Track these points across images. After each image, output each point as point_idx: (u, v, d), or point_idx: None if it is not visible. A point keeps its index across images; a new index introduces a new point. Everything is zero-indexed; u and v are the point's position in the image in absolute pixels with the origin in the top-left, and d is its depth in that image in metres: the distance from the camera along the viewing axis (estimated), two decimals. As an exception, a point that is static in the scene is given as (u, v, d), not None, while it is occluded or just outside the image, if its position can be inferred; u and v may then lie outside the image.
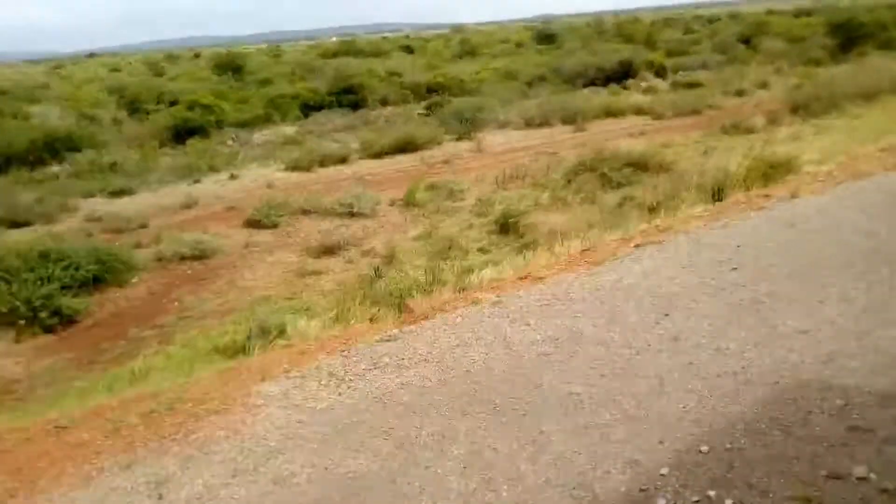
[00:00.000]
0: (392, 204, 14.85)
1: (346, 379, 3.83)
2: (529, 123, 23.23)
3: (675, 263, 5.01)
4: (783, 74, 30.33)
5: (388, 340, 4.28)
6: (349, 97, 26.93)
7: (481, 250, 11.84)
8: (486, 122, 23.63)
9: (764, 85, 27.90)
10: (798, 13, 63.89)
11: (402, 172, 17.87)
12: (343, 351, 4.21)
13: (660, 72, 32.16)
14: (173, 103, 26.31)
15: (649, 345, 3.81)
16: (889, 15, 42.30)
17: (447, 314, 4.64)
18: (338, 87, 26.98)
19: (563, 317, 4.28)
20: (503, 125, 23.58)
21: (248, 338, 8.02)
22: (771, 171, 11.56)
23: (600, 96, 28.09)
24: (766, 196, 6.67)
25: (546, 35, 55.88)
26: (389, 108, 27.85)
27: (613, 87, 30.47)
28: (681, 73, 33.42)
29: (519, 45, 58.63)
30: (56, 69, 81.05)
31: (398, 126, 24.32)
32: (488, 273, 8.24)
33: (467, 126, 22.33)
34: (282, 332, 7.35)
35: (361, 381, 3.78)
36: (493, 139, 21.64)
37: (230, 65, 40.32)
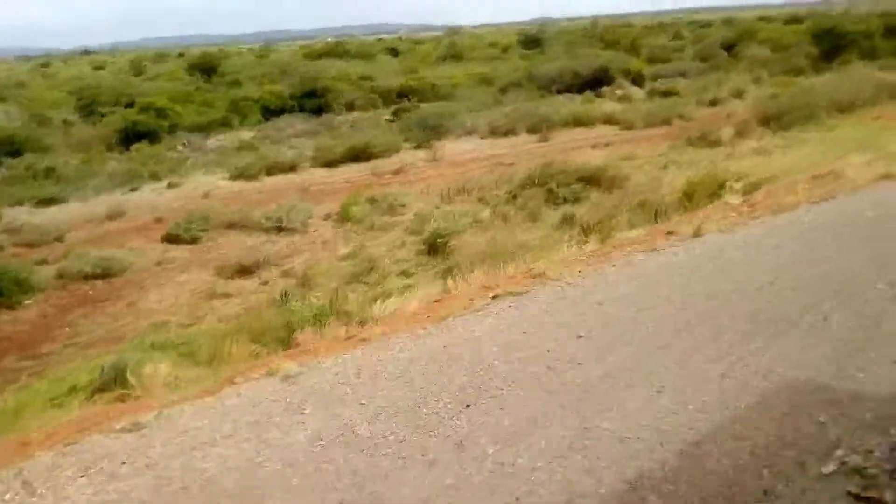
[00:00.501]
0: (327, 218, 14.02)
1: (39, 492, 2.99)
2: (494, 132, 22.41)
3: (521, 325, 4.19)
4: (762, 83, 29.56)
5: (129, 430, 3.44)
6: (314, 101, 26.06)
7: (404, 273, 11.01)
8: (450, 129, 22.81)
9: (740, 94, 27.12)
10: (789, 20, 63.31)
11: (350, 183, 17.03)
12: (70, 444, 3.36)
13: (637, 79, 31.37)
14: (130, 105, 25.43)
15: (424, 454, 2.98)
16: (877, 23, 41.63)
17: (229, 391, 3.80)
18: (302, 91, 26.11)
19: (348, 404, 3.45)
20: (468, 133, 22.77)
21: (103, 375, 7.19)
22: (717, 192, 10.78)
23: (572, 104, 27.27)
24: (670, 233, 5.85)
25: (532, 39, 55.05)
26: (356, 113, 27.02)
27: (589, 94, 29.69)
28: (660, 80, 32.64)
29: (506, 48, 57.82)
30: (43, 66, 79.98)
31: (360, 132, 23.51)
32: (392, 303, 7.45)
33: (428, 134, 21.51)
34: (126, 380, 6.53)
35: (51, 496, 2.94)
36: (454, 148, 20.82)
37: (204, 66, 39.41)
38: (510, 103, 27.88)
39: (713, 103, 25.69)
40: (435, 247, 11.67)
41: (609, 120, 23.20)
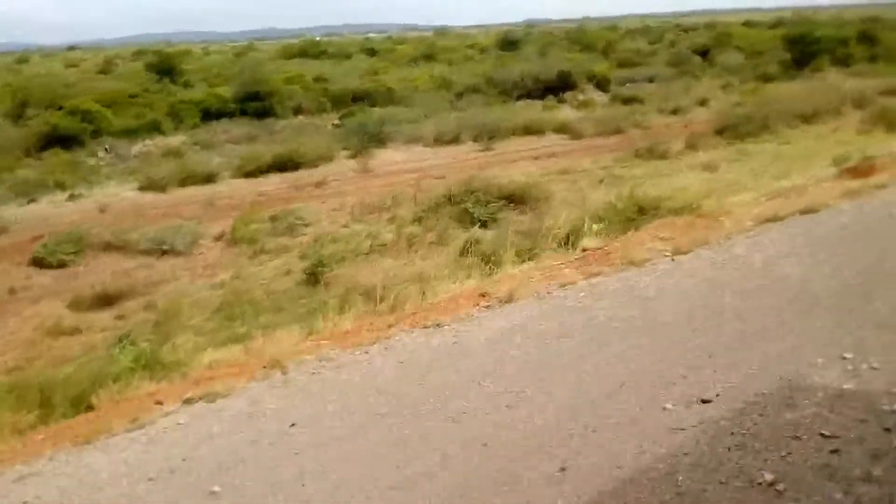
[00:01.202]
0: (220, 238, 12.80)
1: None
2: (439, 140, 21.22)
3: (160, 463, 3.02)
4: (730, 91, 28.47)
5: None
6: (258, 104, 24.73)
7: (277, 308, 9.81)
8: (393, 136, 21.63)
9: (704, 102, 26.04)
10: (775, 24, 62.09)
11: (265, 196, 15.82)
12: None
13: (602, 84, 30.24)
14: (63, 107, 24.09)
15: None
16: (855, 29, 40.70)
17: None
18: (245, 93, 24.79)
19: None
20: (412, 141, 21.56)
21: None
22: (634, 217, 9.65)
23: (528, 110, 26.13)
24: (483, 295, 4.69)
25: (510, 41, 53.91)
26: (302, 118, 25.81)
27: (550, 99, 28.55)
28: (627, 85, 31.59)
29: (483, 50, 56.63)
30: (19, 62, 78.29)
31: (299, 139, 22.36)
32: (225, 354, 6.32)
33: (369, 141, 20.35)
34: None
35: None
36: (391, 157, 19.64)
37: (162, 65, 37.98)
38: (467, 108, 26.75)
39: (674, 111, 24.59)
40: (316, 277, 10.49)
41: (561, 128, 22.06)
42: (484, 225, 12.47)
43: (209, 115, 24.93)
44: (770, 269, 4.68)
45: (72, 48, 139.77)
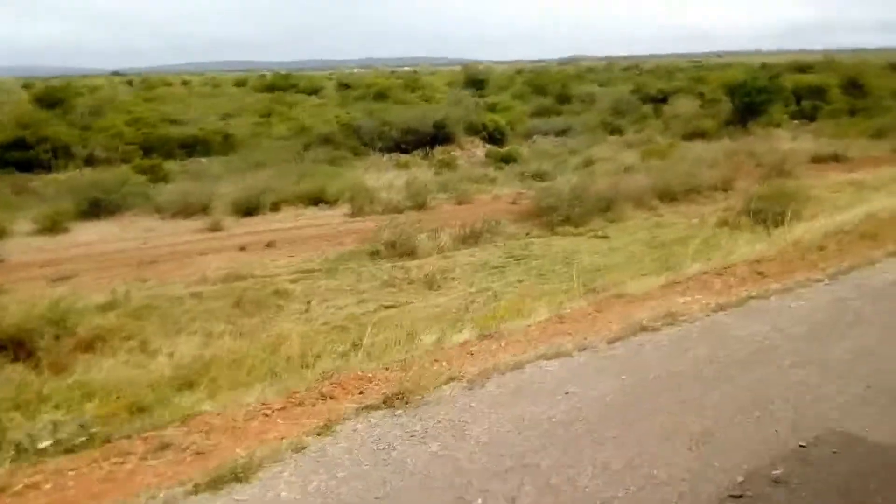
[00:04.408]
0: None
1: None
2: (185, 210, 16.04)
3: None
4: (645, 148, 22.59)
5: None
6: (24, 153, 20.03)
7: None
8: (137, 202, 16.60)
9: (590, 163, 20.32)
10: (789, 68, 54.95)
11: None
12: None
13: (496, 136, 24.70)
14: None
15: None
16: (847, 76, 34.39)
17: None
18: (11, 137, 20.12)
19: None
20: (158, 209, 16.45)
21: None
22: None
23: (368, 169, 20.84)
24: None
25: (474, 81, 49.06)
26: (88, 170, 21.02)
27: (417, 154, 23.23)
28: (535, 138, 25.99)
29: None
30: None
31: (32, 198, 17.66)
32: None
33: (83, 207, 15.47)
34: None
35: None
36: (82, 236, 14.50)
37: (49, 99, 34.11)
38: (309, 161, 21.76)
39: (537, 177, 18.90)
40: None
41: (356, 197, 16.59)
42: None
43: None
44: None
45: (116, 73, 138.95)
